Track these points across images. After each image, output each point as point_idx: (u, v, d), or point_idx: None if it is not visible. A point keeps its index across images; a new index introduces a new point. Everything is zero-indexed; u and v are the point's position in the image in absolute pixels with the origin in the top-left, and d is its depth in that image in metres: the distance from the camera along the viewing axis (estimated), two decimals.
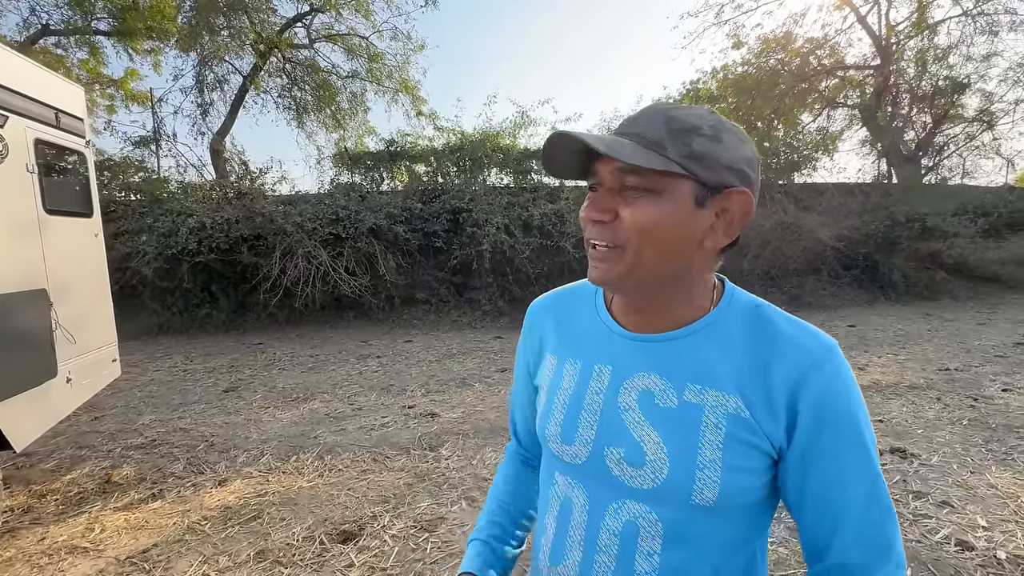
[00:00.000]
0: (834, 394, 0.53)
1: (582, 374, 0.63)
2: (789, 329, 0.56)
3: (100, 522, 2.44)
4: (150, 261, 7.40)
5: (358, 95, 12.05)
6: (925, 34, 12.05)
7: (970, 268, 10.42)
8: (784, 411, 0.53)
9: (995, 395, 3.93)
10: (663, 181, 0.52)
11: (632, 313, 0.62)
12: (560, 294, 0.74)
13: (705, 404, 0.55)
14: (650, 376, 0.58)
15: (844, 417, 0.53)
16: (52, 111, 2.88)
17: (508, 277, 8.40)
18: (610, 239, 0.54)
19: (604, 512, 0.58)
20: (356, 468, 2.98)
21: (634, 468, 0.56)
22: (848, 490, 0.53)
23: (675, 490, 0.54)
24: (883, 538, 0.53)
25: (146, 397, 4.68)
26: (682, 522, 0.55)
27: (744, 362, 0.56)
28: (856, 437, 0.53)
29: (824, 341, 0.56)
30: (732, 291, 0.62)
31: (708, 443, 0.54)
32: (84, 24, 10.18)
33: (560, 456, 0.63)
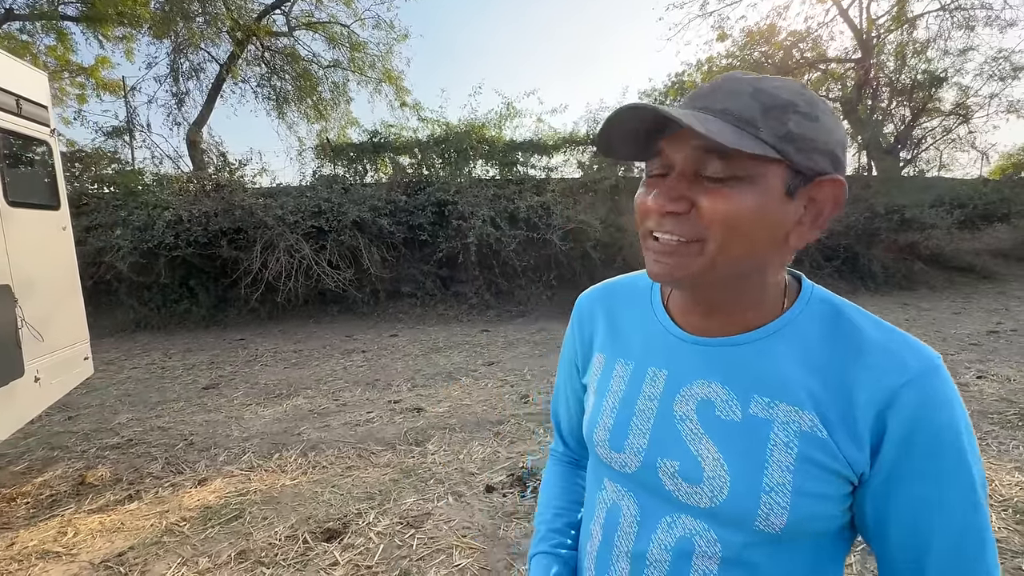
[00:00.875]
0: (933, 415, 0.45)
1: (634, 377, 0.58)
2: (879, 337, 0.48)
3: (73, 525, 2.36)
4: (125, 256, 7.18)
5: (340, 85, 11.83)
6: (905, 28, 12.25)
7: (946, 259, 10.70)
8: (868, 432, 0.46)
9: (970, 382, 4.03)
10: (753, 166, 0.45)
11: (694, 314, 0.55)
12: (612, 286, 0.67)
13: (774, 419, 0.49)
14: (711, 384, 0.52)
15: (944, 440, 0.45)
16: (13, 98, 2.74)
17: (494, 270, 8.36)
18: (686, 232, 0.47)
19: (656, 525, 0.53)
20: (340, 465, 2.93)
21: (690, 484, 0.51)
22: (942, 519, 0.45)
23: (737, 513, 0.49)
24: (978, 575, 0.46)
25: (122, 395, 4.55)
26: (744, 546, 0.49)
27: (822, 373, 0.49)
28: (957, 463, 0.45)
29: (924, 353, 0.47)
30: (810, 290, 0.54)
31: (776, 464, 0.48)
32: (50, 9, 9.78)
33: (609, 463, 0.58)
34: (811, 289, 0.55)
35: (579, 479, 0.75)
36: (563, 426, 0.77)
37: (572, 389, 0.71)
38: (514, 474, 2.71)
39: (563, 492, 0.74)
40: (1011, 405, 3.48)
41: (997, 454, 2.76)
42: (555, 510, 0.71)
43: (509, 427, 3.40)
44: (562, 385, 0.74)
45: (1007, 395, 3.69)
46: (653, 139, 0.49)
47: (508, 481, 2.64)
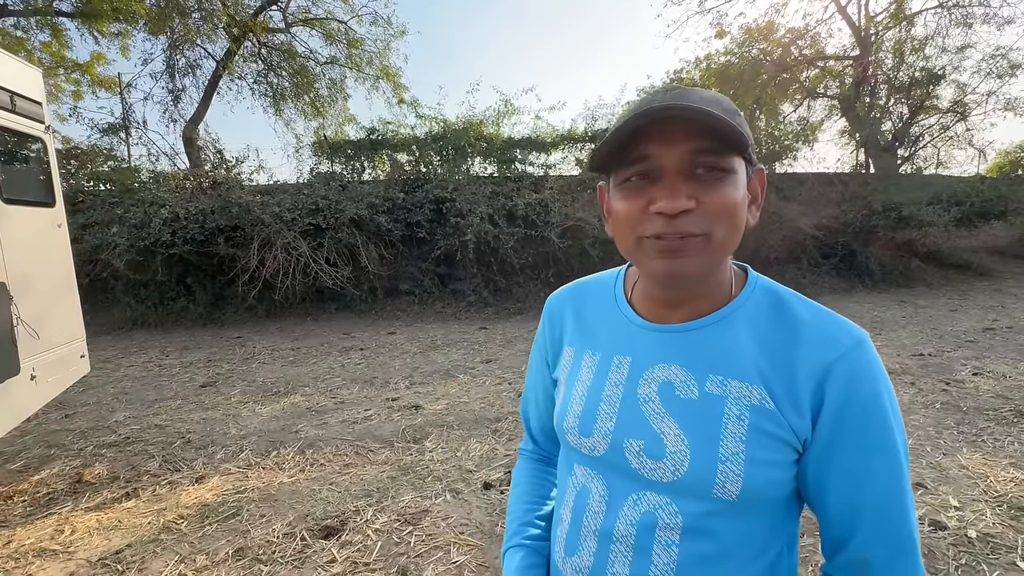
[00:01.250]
0: (861, 386, 0.51)
1: (600, 366, 0.62)
2: (814, 319, 0.55)
3: (70, 523, 2.35)
4: (121, 253, 7.15)
5: (337, 82, 11.79)
6: (903, 25, 12.25)
7: (943, 256, 10.73)
8: (809, 402, 0.52)
9: (966, 379, 4.05)
10: (733, 161, 0.50)
11: (655, 304, 0.60)
12: (579, 286, 0.72)
13: (727, 395, 0.54)
14: (671, 367, 0.57)
15: (871, 409, 0.51)
16: (7, 94, 2.72)
17: (492, 267, 8.35)
18: (698, 227, 0.49)
19: (623, 503, 0.57)
20: (338, 462, 2.93)
21: (654, 460, 0.55)
22: (871, 485, 0.51)
23: (696, 483, 0.53)
24: (903, 536, 0.52)
25: (119, 393, 4.54)
26: (703, 515, 0.53)
27: (768, 352, 0.54)
28: (882, 432, 0.51)
29: (853, 331, 0.54)
30: (756, 279, 0.60)
31: (730, 435, 0.52)
32: (45, 4, 9.70)
33: (579, 448, 0.62)
34: (756, 279, 0.60)
35: (548, 475, 0.77)
36: (533, 424, 0.80)
37: (543, 386, 0.74)
38: (511, 471, 2.71)
39: (533, 488, 0.76)
40: (1007, 402, 3.49)
41: (992, 450, 2.78)
42: (526, 505, 0.73)
43: (507, 424, 3.40)
44: (532, 383, 0.77)
45: (1003, 392, 3.70)
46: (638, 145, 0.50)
47: (506, 478, 2.65)
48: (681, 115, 0.47)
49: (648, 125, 0.48)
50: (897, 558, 0.52)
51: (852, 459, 0.51)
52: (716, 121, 0.47)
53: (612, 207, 0.56)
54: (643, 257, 0.54)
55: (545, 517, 0.72)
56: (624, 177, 0.53)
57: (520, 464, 0.81)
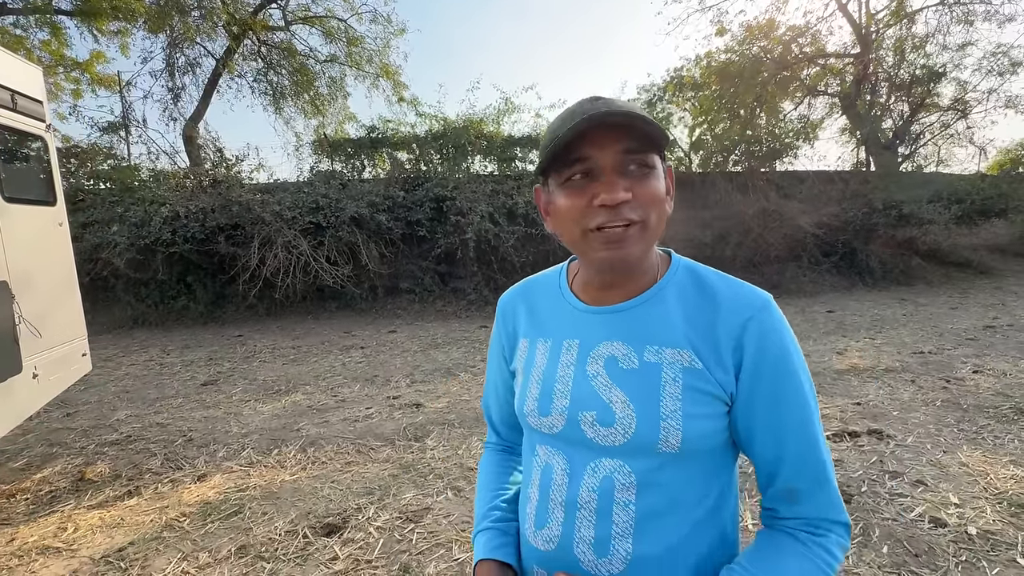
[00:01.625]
0: (771, 341, 0.59)
1: (552, 351, 0.68)
2: (726, 287, 0.63)
3: (73, 521, 2.36)
4: (122, 252, 7.16)
5: (337, 80, 11.78)
6: (904, 23, 12.22)
7: (944, 254, 10.72)
8: (731, 359, 0.59)
9: (966, 377, 4.05)
10: (655, 158, 0.59)
11: (594, 290, 0.67)
12: (527, 283, 0.79)
13: (663, 361, 0.61)
14: (613, 343, 0.64)
15: (781, 361, 0.59)
16: (8, 92, 2.72)
17: (493, 266, 8.36)
18: (635, 215, 0.57)
19: (583, 472, 0.62)
20: (340, 460, 2.94)
21: (606, 428, 0.61)
22: (788, 425, 0.59)
23: (643, 442, 0.59)
24: (819, 466, 0.60)
25: (121, 392, 4.55)
26: (652, 470, 0.60)
27: (693, 320, 0.62)
28: (792, 378, 0.59)
29: (760, 295, 0.62)
30: (678, 260, 0.68)
31: (669, 395, 0.59)
32: (44, 3, 9.68)
33: (539, 428, 0.67)
34: (679, 260, 0.68)
35: (512, 462, 0.83)
36: (494, 417, 0.85)
37: (502, 379, 0.80)
38: None
39: (498, 476, 0.80)
40: (1007, 399, 3.50)
41: (993, 448, 2.78)
42: (492, 492, 0.78)
43: None
44: (491, 379, 0.83)
45: (1003, 389, 3.71)
46: (567, 151, 0.58)
47: None
48: (620, 120, 0.55)
49: (586, 130, 0.55)
50: (815, 487, 0.60)
51: (771, 406, 0.59)
52: (648, 125, 0.55)
53: (555, 205, 0.62)
54: (588, 248, 0.60)
55: (510, 500, 0.76)
56: (566, 177, 0.59)
57: (484, 457, 0.86)
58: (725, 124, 12.25)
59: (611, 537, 0.60)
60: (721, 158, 10.95)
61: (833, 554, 0.59)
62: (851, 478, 2.52)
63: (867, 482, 2.47)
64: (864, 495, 2.36)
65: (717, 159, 10.98)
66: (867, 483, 2.46)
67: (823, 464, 0.60)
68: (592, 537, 0.60)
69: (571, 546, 0.62)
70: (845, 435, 3.02)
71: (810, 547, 0.59)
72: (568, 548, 0.62)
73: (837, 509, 0.60)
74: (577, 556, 0.61)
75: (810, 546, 0.59)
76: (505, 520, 0.72)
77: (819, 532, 0.60)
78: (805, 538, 0.59)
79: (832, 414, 3.38)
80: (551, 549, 0.63)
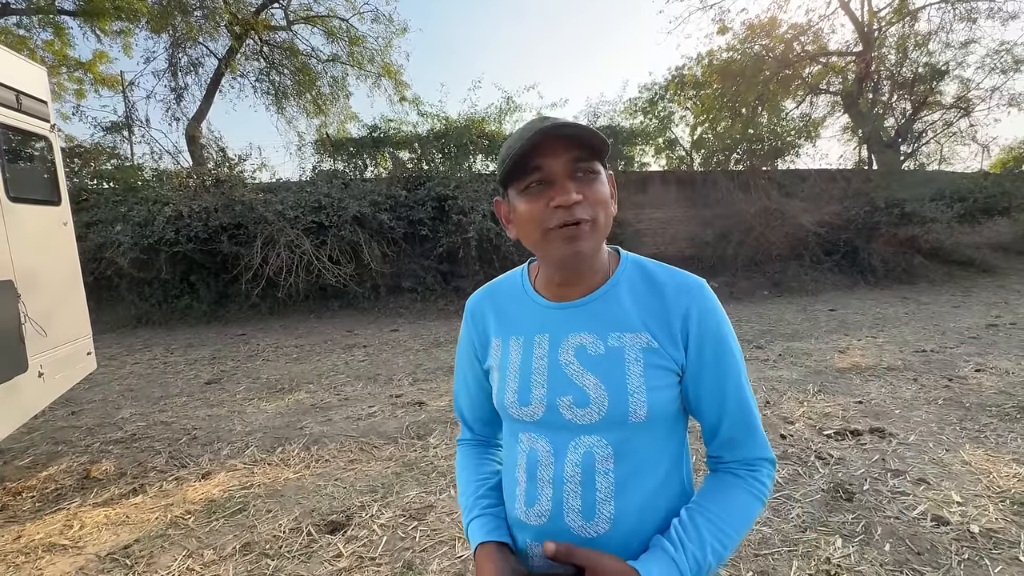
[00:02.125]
0: (710, 319, 0.70)
1: (525, 347, 0.75)
2: (668, 276, 0.73)
3: (79, 518, 2.38)
4: (126, 251, 7.18)
5: (339, 79, 11.79)
6: (906, 20, 12.18)
7: (946, 252, 10.69)
8: (680, 336, 0.69)
9: (969, 375, 4.05)
10: (599, 164, 0.68)
11: (556, 287, 0.75)
12: (492, 287, 0.85)
13: (625, 345, 0.69)
14: (580, 334, 0.72)
15: (717, 334, 0.70)
16: (12, 93, 2.73)
17: (495, 264, 8.36)
18: (587, 215, 0.65)
19: (566, 450, 0.70)
20: (343, 458, 2.95)
21: (582, 408, 0.69)
22: (728, 388, 0.71)
23: (616, 416, 0.68)
24: (751, 417, 0.72)
25: (125, 391, 4.57)
26: (625, 440, 0.69)
27: (646, 306, 0.71)
28: (727, 348, 0.71)
29: (696, 280, 0.72)
30: (627, 256, 0.77)
31: (633, 374, 0.68)
32: (47, 3, 9.71)
33: (521, 418, 0.74)
34: (627, 256, 0.77)
35: (489, 455, 0.89)
36: (467, 414, 0.91)
37: (474, 376, 0.86)
38: None
39: (478, 468, 0.86)
40: (1009, 398, 3.49)
41: (995, 446, 2.78)
42: (475, 484, 0.83)
43: None
44: (462, 378, 0.89)
45: (1005, 388, 3.70)
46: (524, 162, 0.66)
47: None
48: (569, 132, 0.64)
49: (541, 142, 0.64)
50: (748, 433, 0.73)
51: (714, 374, 0.70)
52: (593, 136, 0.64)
53: (516, 212, 0.70)
54: (548, 247, 0.68)
55: (494, 488, 0.82)
56: (525, 184, 0.67)
57: (461, 452, 0.91)
58: (727, 122, 12.23)
59: (596, 503, 0.68)
60: (723, 156, 10.93)
61: (764, 483, 0.73)
62: (853, 476, 2.52)
63: (869, 480, 2.47)
64: (866, 493, 2.36)
65: (719, 157, 10.96)
66: (869, 481, 2.47)
67: (752, 414, 0.72)
68: (579, 506, 0.68)
69: (561, 516, 0.69)
70: (847, 433, 3.02)
71: (747, 480, 0.72)
72: (559, 519, 0.69)
73: (765, 448, 0.73)
74: (568, 524, 0.69)
75: (747, 479, 0.72)
76: (494, 506, 0.79)
77: (754, 468, 0.73)
78: (743, 474, 0.72)
79: (834, 412, 3.38)
80: (543, 522, 0.70)
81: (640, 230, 10.18)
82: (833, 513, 2.22)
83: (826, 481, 2.48)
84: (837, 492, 2.37)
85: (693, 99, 13.00)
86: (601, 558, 0.64)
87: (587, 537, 0.68)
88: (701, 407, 0.72)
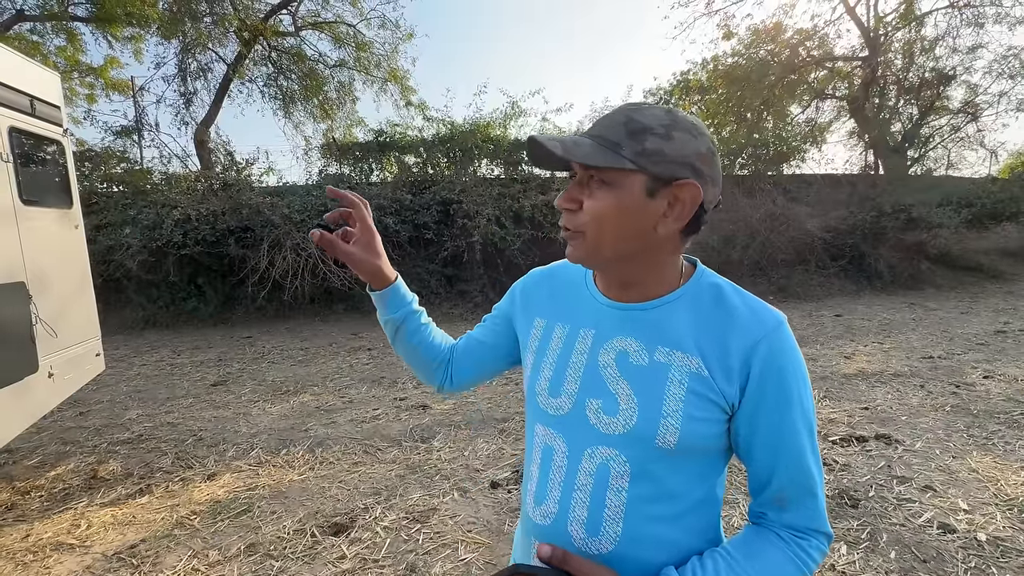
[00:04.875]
0: (779, 360, 0.62)
1: (568, 336, 0.73)
2: (743, 305, 0.66)
3: (86, 518, 2.40)
4: (134, 254, 7.26)
5: (346, 84, 11.87)
6: (912, 25, 12.15)
7: (953, 258, 10.60)
8: (738, 373, 0.62)
9: (976, 382, 4.01)
10: (616, 175, 0.60)
11: (613, 287, 0.72)
12: (555, 268, 0.84)
13: (672, 363, 0.64)
14: (627, 339, 0.68)
15: (786, 381, 0.62)
16: (27, 98, 2.79)
17: (499, 269, 8.38)
18: (573, 225, 0.64)
19: (581, 456, 0.67)
20: (347, 460, 2.96)
21: (609, 416, 0.66)
22: (786, 440, 0.63)
23: (642, 434, 0.63)
24: (810, 480, 0.64)
25: (132, 392, 4.61)
26: (647, 462, 0.64)
27: (706, 330, 0.65)
28: (797, 397, 0.63)
29: (774, 315, 0.65)
30: (702, 272, 0.71)
31: (672, 396, 0.63)
32: (61, 10, 9.88)
33: (546, 408, 0.72)
34: (703, 271, 0.71)
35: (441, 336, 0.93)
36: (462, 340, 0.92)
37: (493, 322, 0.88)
38: (519, 470, 2.73)
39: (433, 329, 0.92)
40: (1018, 405, 3.46)
41: (1003, 453, 2.76)
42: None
43: (514, 424, 3.42)
44: (491, 322, 0.90)
45: (1014, 395, 3.67)
46: None
47: (513, 477, 2.67)
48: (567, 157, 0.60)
49: None
50: (803, 497, 0.64)
51: (772, 421, 0.63)
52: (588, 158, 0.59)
53: None
54: None
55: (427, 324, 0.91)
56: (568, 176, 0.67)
57: None
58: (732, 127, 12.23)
59: (603, 520, 0.65)
60: (728, 161, 10.92)
61: (811, 556, 0.63)
62: (859, 483, 2.51)
63: (875, 487, 2.46)
64: (872, 500, 2.35)
65: (724, 162, 10.95)
66: (875, 488, 2.45)
67: (813, 478, 0.64)
68: (585, 517, 0.65)
69: (565, 523, 0.67)
70: (853, 440, 3.01)
71: (791, 545, 0.63)
72: (563, 525, 0.67)
73: (821, 520, 0.65)
74: (570, 533, 0.66)
75: (791, 544, 0.63)
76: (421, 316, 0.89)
77: (802, 536, 0.64)
78: (788, 537, 0.64)
79: (840, 418, 3.36)
80: (547, 524, 0.68)
81: None
82: (838, 520, 2.20)
83: (831, 488, 2.46)
84: (842, 498, 2.36)
85: (698, 104, 13.02)
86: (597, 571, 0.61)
87: (588, 552, 0.65)
88: (752, 455, 0.65)
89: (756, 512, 0.69)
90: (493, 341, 0.87)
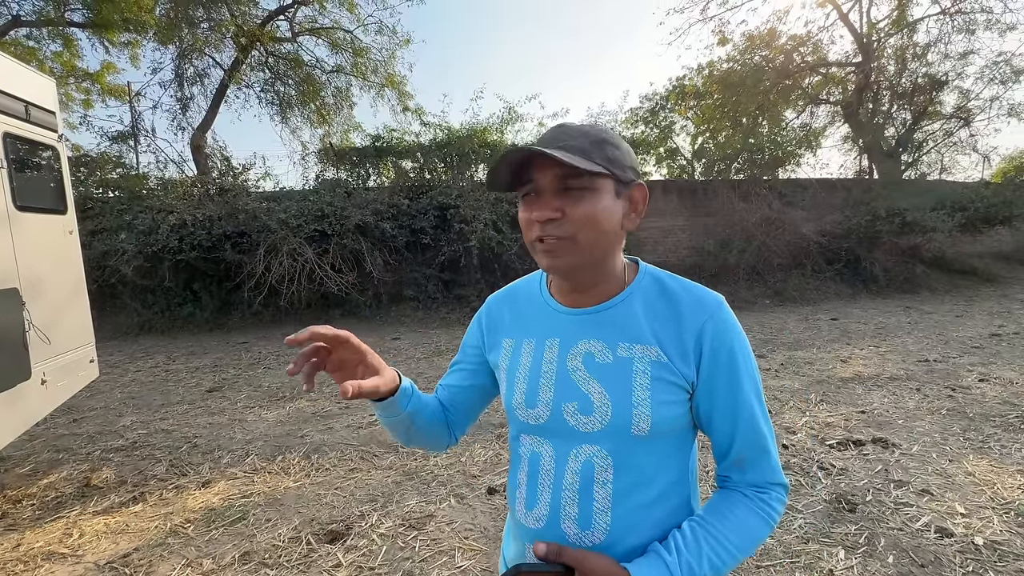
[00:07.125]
0: (725, 337, 0.69)
1: (536, 349, 0.76)
2: (685, 292, 0.72)
3: (79, 527, 2.38)
4: (129, 259, 7.23)
5: (343, 90, 11.90)
6: (905, 32, 12.28)
7: (948, 262, 10.68)
8: (692, 353, 0.68)
9: (972, 385, 4.03)
10: (596, 180, 0.65)
11: (569, 293, 0.75)
12: (512, 287, 0.87)
13: (634, 356, 0.69)
14: (590, 341, 0.72)
15: (731, 353, 0.69)
16: (22, 104, 2.78)
17: (496, 273, 8.39)
18: (559, 233, 0.65)
19: (567, 457, 0.71)
20: (343, 467, 2.94)
21: (586, 416, 0.69)
22: (740, 408, 0.69)
23: (618, 427, 0.68)
24: (763, 440, 0.71)
25: (127, 398, 4.57)
26: (626, 452, 0.69)
27: (659, 320, 0.70)
28: (744, 367, 0.70)
29: (714, 297, 0.71)
30: (645, 267, 0.77)
31: (639, 386, 0.68)
32: (57, 15, 9.87)
33: (526, 420, 0.75)
34: (645, 268, 0.76)
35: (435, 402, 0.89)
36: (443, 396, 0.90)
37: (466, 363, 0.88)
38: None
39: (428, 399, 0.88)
40: (1013, 408, 3.47)
41: (999, 457, 2.76)
42: None
43: None
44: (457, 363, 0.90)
45: (1009, 398, 3.68)
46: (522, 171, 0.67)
47: None
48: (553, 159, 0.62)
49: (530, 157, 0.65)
50: (759, 455, 0.71)
51: (727, 392, 0.69)
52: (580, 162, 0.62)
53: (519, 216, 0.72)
54: (535, 255, 0.70)
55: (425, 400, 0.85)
56: (522, 193, 0.69)
57: None
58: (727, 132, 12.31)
59: (592, 513, 0.69)
60: (724, 166, 10.98)
61: (773, 507, 0.71)
62: (856, 487, 2.50)
63: (872, 491, 2.46)
64: (869, 504, 2.34)
65: (720, 167, 11.01)
66: (872, 492, 2.45)
67: (765, 437, 0.71)
68: (576, 514, 0.69)
69: (558, 523, 0.70)
70: (850, 443, 3.01)
71: (755, 501, 0.70)
72: (555, 524, 0.70)
73: (776, 472, 0.72)
74: (564, 531, 0.69)
75: (755, 500, 0.70)
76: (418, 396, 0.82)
77: (763, 491, 0.71)
78: (752, 494, 0.71)
79: (836, 422, 3.36)
80: (540, 526, 0.71)
81: (642, 239, 10.20)
82: (835, 524, 2.20)
83: (828, 492, 2.46)
84: (839, 503, 2.36)
85: (694, 109, 13.10)
86: (590, 557, 0.64)
87: (582, 545, 0.69)
88: (712, 426, 0.72)
89: (722, 476, 0.75)
90: (471, 382, 0.88)
